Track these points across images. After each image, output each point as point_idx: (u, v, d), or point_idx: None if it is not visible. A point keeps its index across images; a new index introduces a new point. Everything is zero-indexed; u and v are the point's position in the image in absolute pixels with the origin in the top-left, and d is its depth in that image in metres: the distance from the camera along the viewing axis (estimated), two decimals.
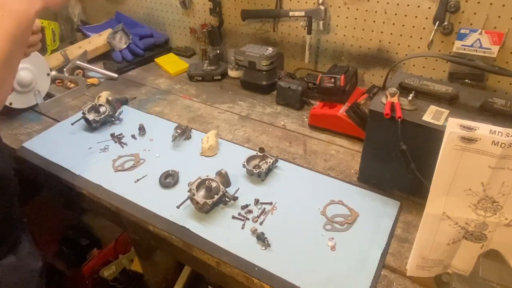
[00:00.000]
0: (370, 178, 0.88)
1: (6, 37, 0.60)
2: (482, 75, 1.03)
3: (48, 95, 1.28)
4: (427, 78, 0.85)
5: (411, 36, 1.12)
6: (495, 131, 0.52)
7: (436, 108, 0.76)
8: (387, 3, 1.11)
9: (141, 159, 0.99)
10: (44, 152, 1.02)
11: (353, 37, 1.23)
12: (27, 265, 0.85)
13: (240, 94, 1.32)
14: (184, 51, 1.64)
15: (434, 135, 0.68)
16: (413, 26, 1.10)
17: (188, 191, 0.81)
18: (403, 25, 1.12)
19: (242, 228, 0.78)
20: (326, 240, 0.75)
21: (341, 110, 1.05)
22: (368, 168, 0.87)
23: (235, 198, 0.84)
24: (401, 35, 1.14)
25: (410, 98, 0.76)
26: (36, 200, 1.55)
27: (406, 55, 1.15)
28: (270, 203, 0.84)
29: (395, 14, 1.11)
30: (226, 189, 0.83)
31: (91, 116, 1.10)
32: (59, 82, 1.40)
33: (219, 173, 0.86)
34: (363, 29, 1.19)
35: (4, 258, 0.80)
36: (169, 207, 0.83)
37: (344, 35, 1.24)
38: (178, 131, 1.04)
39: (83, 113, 1.10)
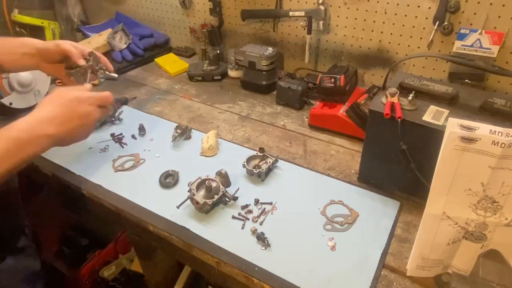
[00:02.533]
0: (370, 178, 0.88)
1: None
2: (482, 75, 1.03)
3: None
4: (427, 78, 0.85)
5: (411, 36, 1.12)
6: (495, 131, 0.52)
7: (436, 108, 0.76)
8: (387, 3, 1.11)
9: (141, 159, 0.99)
10: (45, 153, 1.02)
11: (353, 37, 1.23)
12: (26, 268, 0.85)
13: (240, 94, 1.32)
14: (184, 51, 1.64)
15: (434, 135, 0.68)
16: (413, 26, 1.10)
17: (188, 191, 0.81)
18: (403, 25, 1.12)
19: (242, 228, 0.78)
20: (326, 240, 0.75)
21: (341, 110, 1.05)
22: (368, 168, 0.87)
23: (235, 198, 0.84)
24: (401, 35, 1.14)
25: (410, 98, 0.76)
26: (36, 200, 1.55)
27: (406, 55, 1.15)
28: (270, 203, 0.84)
29: (395, 14, 1.11)
30: (226, 189, 0.83)
31: None
32: (59, 82, 1.39)
33: (219, 173, 0.86)
34: (363, 29, 1.19)
35: (3, 261, 0.80)
36: (169, 207, 0.83)
37: (344, 35, 1.24)
38: (178, 131, 1.04)
39: None
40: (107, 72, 0.97)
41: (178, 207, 0.81)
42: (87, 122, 0.75)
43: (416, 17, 1.08)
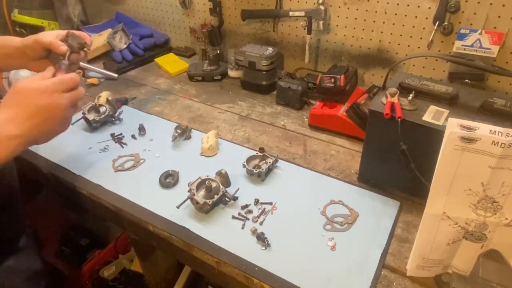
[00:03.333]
0: (370, 178, 0.88)
1: None
2: (482, 75, 1.03)
3: None
4: (427, 78, 0.85)
5: (411, 36, 1.12)
6: (495, 131, 0.52)
7: (436, 108, 0.76)
8: (387, 3, 1.11)
9: (141, 159, 0.99)
10: (45, 152, 1.02)
11: (353, 37, 1.23)
12: (27, 268, 0.85)
13: (240, 94, 1.32)
14: (184, 51, 1.64)
15: (434, 135, 0.68)
16: (413, 26, 1.10)
17: (188, 191, 0.81)
18: (403, 25, 1.12)
19: (242, 228, 0.78)
20: (326, 240, 0.75)
21: (341, 110, 1.05)
22: (368, 168, 0.87)
23: (235, 198, 0.84)
24: (401, 35, 1.14)
25: (410, 98, 0.76)
26: (36, 200, 1.55)
27: (406, 55, 1.15)
28: (270, 203, 0.84)
29: (395, 14, 1.11)
30: (226, 189, 0.83)
31: (91, 116, 1.10)
32: None
33: (219, 173, 0.86)
34: (363, 29, 1.19)
35: (4, 261, 0.80)
36: (169, 207, 0.83)
37: (344, 35, 1.24)
38: (178, 131, 1.04)
39: (83, 113, 1.10)
40: (85, 49, 0.86)
41: (178, 207, 0.81)
42: (54, 113, 0.68)
43: (416, 17, 1.08)
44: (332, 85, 1.08)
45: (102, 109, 1.13)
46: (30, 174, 1.07)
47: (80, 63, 1.42)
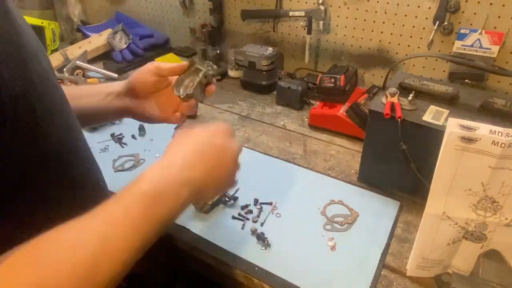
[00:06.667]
0: (370, 178, 0.88)
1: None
2: (482, 75, 1.03)
3: None
4: (427, 78, 0.85)
5: (411, 36, 1.12)
6: (495, 131, 0.52)
7: (436, 108, 0.76)
8: (387, 3, 1.11)
9: (141, 159, 0.99)
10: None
11: (353, 37, 1.23)
12: None
13: (240, 94, 1.32)
14: (184, 51, 1.63)
15: (434, 135, 0.68)
16: (413, 26, 1.10)
17: None
18: (403, 25, 1.12)
19: (242, 228, 0.78)
20: (326, 240, 0.75)
21: (341, 110, 1.05)
22: (368, 168, 0.87)
23: (235, 198, 0.84)
24: (401, 35, 1.14)
25: (410, 98, 0.76)
26: None
27: (406, 55, 1.15)
28: (270, 203, 0.84)
29: (395, 14, 1.11)
30: None
31: None
32: (59, 82, 1.39)
33: None
34: (363, 29, 1.19)
35: None
36: None
37: (344, 35, 1.24)
38: None
39: None
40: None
41: None
42: (227, 156, 0.56)
43: (416, 17, 1.08)
44: (332, 85, 1.08)
45: None
46: None
47: (80, 63, 1.43)
